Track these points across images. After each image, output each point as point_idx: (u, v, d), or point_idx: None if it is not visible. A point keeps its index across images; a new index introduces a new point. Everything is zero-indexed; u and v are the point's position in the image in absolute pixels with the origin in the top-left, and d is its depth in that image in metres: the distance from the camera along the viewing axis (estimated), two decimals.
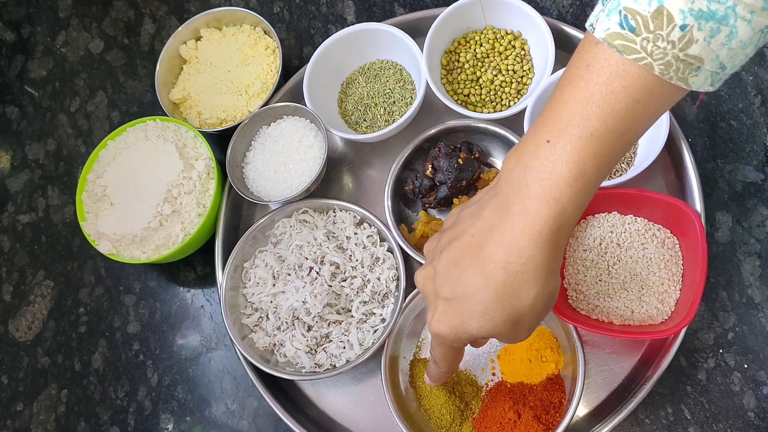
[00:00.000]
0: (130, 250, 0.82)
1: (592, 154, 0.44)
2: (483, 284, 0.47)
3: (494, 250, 0.46)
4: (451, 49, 0.85)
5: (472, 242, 0.48)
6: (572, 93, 0.44)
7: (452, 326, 0.50)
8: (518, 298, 0.47)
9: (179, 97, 0.90)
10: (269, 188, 0.83)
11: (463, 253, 0.49)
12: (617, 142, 0.44)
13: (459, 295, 0.49)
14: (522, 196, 0.45)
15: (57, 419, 0.85)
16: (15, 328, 0.89)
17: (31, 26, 1.05)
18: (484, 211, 0.48)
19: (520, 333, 0.50)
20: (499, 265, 0.46)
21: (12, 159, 0.98)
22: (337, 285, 0.76)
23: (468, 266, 0.48)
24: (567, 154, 0.44)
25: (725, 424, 0.71)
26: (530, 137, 0.46)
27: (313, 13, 0.97)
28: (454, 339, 0.51)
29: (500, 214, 0.47)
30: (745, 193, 0.78)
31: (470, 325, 0.49)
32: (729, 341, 0.73)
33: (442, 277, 0.50)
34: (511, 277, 0.46)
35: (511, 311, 0.47)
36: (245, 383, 0.82)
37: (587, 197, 0.46)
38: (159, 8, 1.02)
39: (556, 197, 0.44)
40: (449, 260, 0.50)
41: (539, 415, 0.69)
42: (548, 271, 0.47)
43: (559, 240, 0.46)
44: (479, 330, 0.49)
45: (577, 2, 0.88)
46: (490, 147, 0.82)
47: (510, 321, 0.48)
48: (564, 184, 0.44)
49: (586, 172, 0.44)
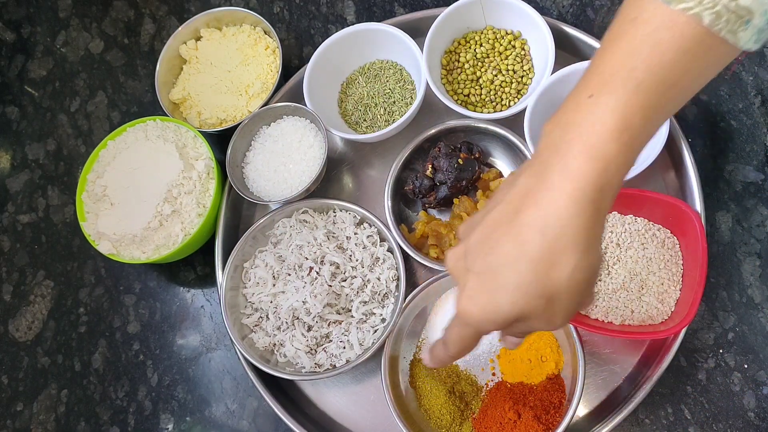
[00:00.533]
0: (130, 250, 0.82)
1: (638, 105, 0.41)
2: (517, 252, 0.42)
3: (530, 214, 0.42)
4: (451, 49, 0.85)
5: (507, 209, 0.44)
6: (616, 47, 0.42)
7: (482, 304, 0.44)
8: (555, 268, 0.42)
9: (179, 97, 0.90)
10: (269, 188, 0.83)
11: (497, 223, 0.44)
12: (666, 95, 0.41)
13: (491, 268, 0.44)
14: (561, 154, 0.42)
15: (57, 419, 0.85)
16: (15, 328, 0.89)
17: (31, 26, 1.05)
18: (521, 177, 0.44)
19: (555, 315, 0.44)
20: (534, 229, 0.42)
21: (12, 159, 0.98)
22: (337, 285, 0.76)
23: (501, 235, 0.44)
24: (611, 106, 0.41)
25: (725, 424, 0.71)
26: (570, 97, 0.43)
27: (313, 13, 0.97)
28: (482, 320, 0.45)
29: (537, 177, 0.43)
30: (745, 193, 0.78)
31: (502, 301, 0.43)
32: (729, 341, 0.73)
33: (474, 252, 0.45)
34: (549, 242, 0.41)
35: (547, 283, 0.42)
36: (245, 383, 0.82)
37: (633, 155, 0.42)
38: (159, 8, 1.02)
39: (599, 152, 0.41)
40: (482, 233, 0.45)
41: (539, 415, 0.69)
42: (589, 237, 0.42)
43: (602, 202, 0.42)
44: (511, 306, 0.43)
45: (577, 2, 0.88)
46: (490, 147, 0.82)
47: (545, 296, 0.43)
48: (608, 137, 0.40)
49: (633, 125, 0.41)
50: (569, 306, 0.44)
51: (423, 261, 0.77)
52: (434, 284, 0.75)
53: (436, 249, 0.78)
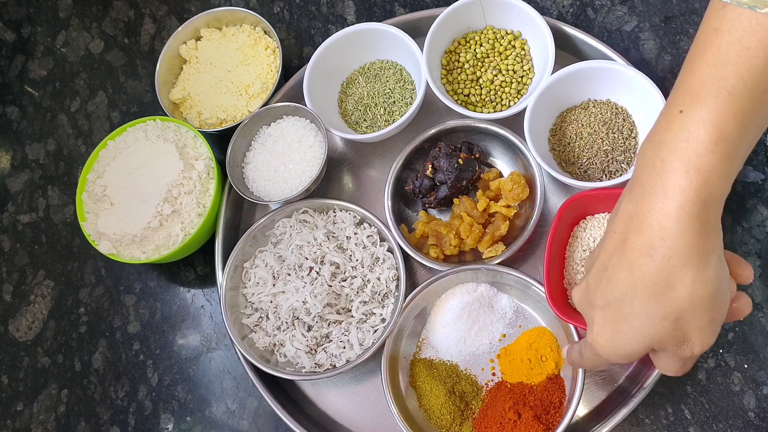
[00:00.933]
0: (130, 250, 0.82)
1: (731, 114, 0.40)
2: (631, 280, 0.42)
3: (636, 239, 0.42)
4: (451, 49, 0.85)
5: (616, 238, 0.44)
6: (702, 59, 0.41)
7: (609, 339, 0.44)
8: (672, 288, 0.41)
9: (179, 97, 0.90)
10: (269, 188, 0.83)
11: (609, 254, 0.44)
12: (759, 100, 0.40)
13: (611, 301, 0.44)
14: (658, 173, 0.41)
15: (57, 419, 0.85)
16: (15, 328, 0.89)
17: (31, 26, 1.05)
18: (622, 203, 0.44)
19: (690, 336, 0.43)
20: (643, 254, 0.41)
21: (12, 159, 0.98)
22: (337, 285, 0.76)
23: (615, 265, 0.43)
24: (703, 118, 0.40)
25: (725, 424, 0.71)
26: (661, 116, 0.43)
27: (313, 13, 0.97)
28: (613, 354, 0.45)
29: (638, 200, 0.42)
30: (745, 193, 0.78)
31: (627, 331, 0.43)
32: (729, 341, 0.73)
33: (594, 287, 0.46)
34: (659, 264, 0.41)
35: (667, 304, 0.41)
36: (245, 383, 0.82)
37: (734, 164, 0.41)
38: (159, 8, 1.02)
39: (696, 166, 0.40)
40: (598, 266, 0.45)
41: (539, 415, 0.69)
42: (702, 252, 0.41)
43: (708, 215, 0.41)
44: (638, 336, 0.43)
45: (577, 2, 0.88)
46: (490, 147, 0.82)
47: (669, 317, 0.42)
48: (704, 150, 0.40)
49: (728, 134, 0.40)
50: (701, 324, 0.43)
51: (423, 261, 0.77)
52: (434, 284, 0.75)
53: (436, 249, 0.78)
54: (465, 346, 0.75)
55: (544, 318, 0.75)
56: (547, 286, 0.70)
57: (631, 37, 0.85)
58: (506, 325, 0.76)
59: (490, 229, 0.78)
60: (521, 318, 0.76)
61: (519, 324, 0.76)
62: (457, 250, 0.78)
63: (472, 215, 0.77)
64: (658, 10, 0.85)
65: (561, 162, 0.78)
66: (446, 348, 0.75)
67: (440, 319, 0.76)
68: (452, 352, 0.75)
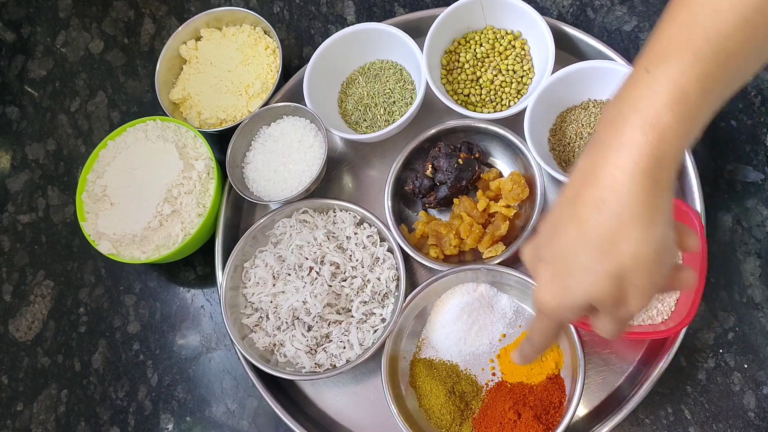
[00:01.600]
0: (130, 250, 0.82)
1: (695, 75, 0.40)
2: (579, 234, 0.42)
3: (588, 193, 0.41)
4: (451, 49, 0.85)
5: (570, 193, 0.44)
6: (673, 21, 0.41)
7: (554, 292, 0.44)
8: (617, 244, 0.41)
9: (179, 97, 0.90)
10: (269, 188, 0.83)
11: (561, 209, 0.44)
12: (725, 65, 0.40)
13: (559, 255, 0.43)
14: (616, 128, 0.41)
15: (57, 419, 0.85)
16: (15, 328, 0.89)
17: (31, 26, 1.05)
18: (581, 159, 0.44)
19: (627, 297, 0.42)
20: (593, 207, 0.41)
21: (12, 159, 0.98)
22: (337, 285, 0.76)
23: (566, 220, 0.43)
24: (667, 77, 0.40)
25: (725, 424, 0.71)
26: (629, 75, 0.43)
27: (313, 13, 0.97)
28: (558, 308, 0.44)
29: (594, 155, 0.42)
30: (745, 193, 0.78)
31: (570, 286, 0.43)
32: (729, 341, 0.73)
33: (544, 241, 0.45)
34: (607, 218, 0.41)
35: (611, 261, 0.41)
36: (245, 383, 0.82)
37: (692, 126, 0.41)
38: (159, 8, 1.02)
39: (653, 123, 0.40)
40: (550, 221, 0.45)
41: (539, 415, 0.69)
42: (650, 210, 0.40)
43: (661, 174, 0.40)
44: (581, 290, 0.42)
45: (577, 2, 0.88)
46: (490, 147, 0.82)
47: (613, 275, 0.41)
48: (663, 108, 0.39)
49: (690, 95, 0.40)
50: (642, 285, 0.42)
51: (423, 261, 0.77)
52: (434, 284, 0.75)
53: (436, 249, 0.78)
54: (465, 346, 0.75)
55: None
56: None
57: (631, 37, 0.85)
58: (506, 325, 0.76)
59: (490, 229, 0.78)
60: (521, 318, 0.76)
61: (519, 324, 0.76)
62: (457, 250, 0.78)
63: (472, 215, 0.77)
64: (657, 10, 0.85)
65: (561, 162, 0.78)
66: (446, 348, 0.75)
67: (440, 319, 0.76)
68: (452, 352, 0.75)
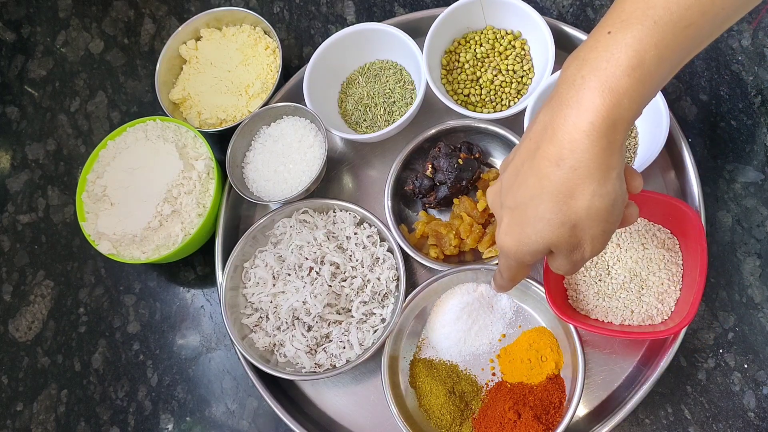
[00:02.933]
0: (130, 250, 0.82)
1: (653, 43, 0.42)
2: (538, 186, 0.46)
3: (547, 148, 0.45)
4: (451, 49, 0.85)
5: (529, 145, 0.47)
6: None
7: (514, 237, 0.48)
8: (573, 198, 0.45)
9: (179, 97, 0.90)
10: (269, 188, 0.83)
11: (522, 159, 0.48)
12: (682, 35, 0.43)
13: (519, 203, 0.47)
14: (576, 88, 0.44)
15: (57, 419, 0.85)
16: (15, 328, 0.89)
17: (31, 26, 1.05)
18: (540, 114, 0.47)
19: (581, 243, 0.47)
20: (552, 163, 0.45)
21: (12, 159, 0.98)
22: (337, 285, 0.76)
23: (526, 171, 0.47)
24: (627, 42, 0.42)
25: (725, 424, 0.71)
26: (591, 34, 0.45)
27: (313, 13, 0.97)
28: (518, 252, 0.49)
29: (554, 112, 0.45)
30: (745, 193, 0.78)
31: (529, 233, 0.47)
32: (729, 341, 0.73)
33: (506, 189, 0.49)
34: (565, 174, 0.44)
35: (567, 212, 0.45)
36: (245, 383, 0.82)
37: (647, 92, 0.44)
38: (159, 8, 1.02)
39: (611, 86, 0.42)
40: (512, 170, 0.49)
41: (539, 415, 0.69)
42: (604, 168, 0.44)
43: (615, 135, 0.43)
44: (539, 237, 0.47)
45: (577, 2, 0.88)
46: (490, 147, 0.82)
47: (567, 224, 0.46)
48: (621, 72, 0.42)
49: (646, 61, 0.42)
50: (594, 233, 0.47)
51: (423, 261, 0.77)
52: (434, 284, 0.75)
53: (436, 249, 0.78)
54: (465, 346, 0.75)
55: (544, 318, 0.75)
56: (547, 286, 0.70)
57: None
58: (506, 325, 0.76)
59: (490, 229, 0.78)
60: (521, 318, 0.76)
61: (519, 324, 0.76)
62: (457, 250, 0.78)
63: (472, 215, 0.77)
64: None
65: None
66: (446, 348, 0.75)
67: (440, 319, 0.76)
68: (452, 352, 0.75)
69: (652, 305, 0.70)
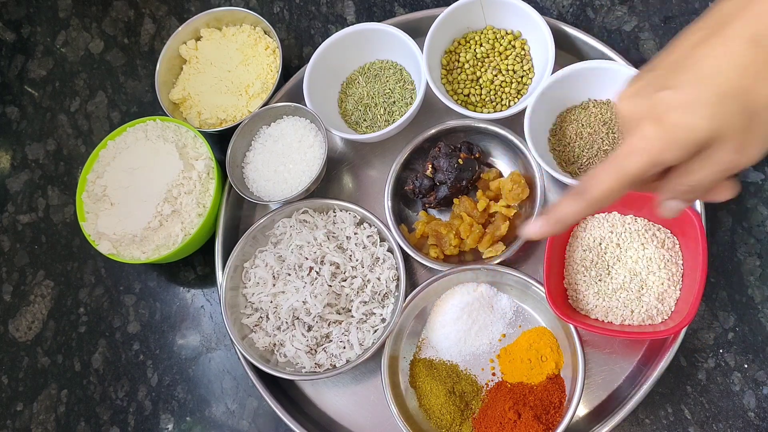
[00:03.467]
0: (130, 250, 0.82)
1: None
2: (724, 62, 0.40)
3: (740, 26, 0.40)
4: (451, 49, 0.85)
5: (704, 33, 0.42)
6: None
7: (674, 119, 0.41)
8: (762, 82, 0.40)
9: (179, 97, 0.90)
10: (269, 188, 0.83)
11: (694, 45, 0.42)
12: None
13: (692, 81, 0.41)
14: None
15: (57, 419, 0.85)
16: (15, 328, 0.89)
17: (31, 26, 1.05)
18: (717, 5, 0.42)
19: (753, 138, 0.41)
20: (745, 39, 0.40)
21: (12, 159, 0.98)
22: (337, 285, 0.76)
23: (704, 51, 0.41)
24: None
25: (725, 424, 0.71)
26: None
27: (313, 13, 0.97)
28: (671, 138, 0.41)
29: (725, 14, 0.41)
30: (745, 193, 0.78)
31: (700, 113, 0.40)
32: (729, 341, 0.73)
33: (663, 76, 0.43)
34: (762, 53, 0.39)
35: (751, 96, 0.40)
36: (245, 383, 0.82)
37: None
38: (159, 8, 1.02)
39: None
40: (674, 59, 0.43)
41: (539, 415, 0.69)
42: None
43: None
44: (710, 120, 0.40)
45: (577, 2, 0.88)
46: (490, 147, 0.82)
47: (747, 111, 0.40)
48: None
49: None
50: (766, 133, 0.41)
51: (423, 261, 0.77)
52: (434, 284, 0.75)
53: (436, 249, 0.78)
54: (465, 346, 0.75)
55: (544, 318, 0.75)
56: (547, 286, 0.70)
57: (630, 37, 0.85)
58: (506, 325, 0.76)
59: (490, 229, 0.78)
60: (521, 318, 0.76)
61: (519, 324, 0.76)
62: (457, 250, 0.78)
63: (472, 215, 0.77)
64: (657, 10, 0.85)
65: (561, 162, 0.78)
66: (446, 348, 0.75)
67: (440, 319, 0.76)
68: (452, 352, 0.75)
69: (652, 305, 0.70)
